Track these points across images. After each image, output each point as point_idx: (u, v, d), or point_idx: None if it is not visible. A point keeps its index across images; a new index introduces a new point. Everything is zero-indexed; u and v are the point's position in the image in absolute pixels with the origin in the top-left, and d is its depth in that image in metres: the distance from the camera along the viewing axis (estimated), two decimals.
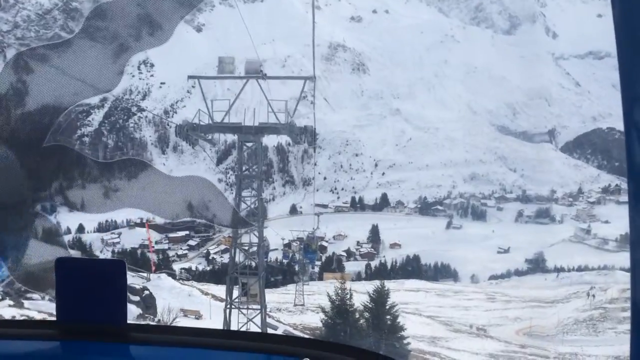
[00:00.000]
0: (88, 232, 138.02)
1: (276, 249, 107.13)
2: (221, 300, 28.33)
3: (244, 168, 20.72)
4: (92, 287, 1.60)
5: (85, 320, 1.60)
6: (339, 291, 28.24)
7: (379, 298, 28.99)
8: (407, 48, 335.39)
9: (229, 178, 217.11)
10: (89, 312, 1.60)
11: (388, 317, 28.46)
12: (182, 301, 29.49)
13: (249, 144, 20.10)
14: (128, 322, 1.62)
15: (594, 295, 41.83)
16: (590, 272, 74.13)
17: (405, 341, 28.18)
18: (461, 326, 37.80)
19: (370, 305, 29.07)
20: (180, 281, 38.45)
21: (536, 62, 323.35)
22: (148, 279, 40.18)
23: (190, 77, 22.29)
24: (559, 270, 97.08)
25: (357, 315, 28.33)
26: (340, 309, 27.67)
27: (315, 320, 33.47)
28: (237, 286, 21.47)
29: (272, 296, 51.38)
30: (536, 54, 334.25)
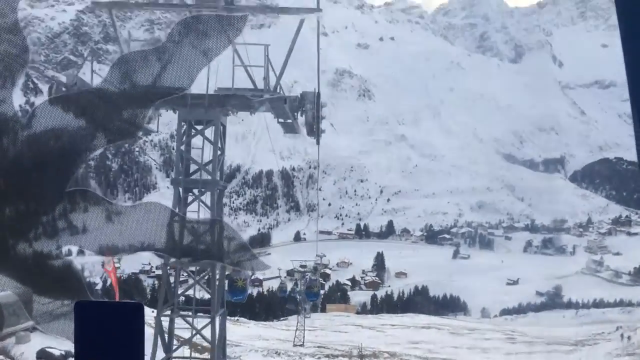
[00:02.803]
0: (89, 255, 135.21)
1: (277, 277, 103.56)
2: (202, 347, 20.34)
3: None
4: (111, 330, 1.64)
5: None
6: None
7: None
8: (413, 75, 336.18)
9: (233, 202, 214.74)
10: (108, 355, 1.65)
11: None
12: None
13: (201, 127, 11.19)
14: None
15: (629, 337, 38.13)
16: (612, 309, 70.28)
17: None
18: None
19: None
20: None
21: (542, 91, 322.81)
22: None
23: (93, 1, 10.84)
24: (574, 305, 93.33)
25: None
26: None
27: None
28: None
29: (272, 332, 47.89)
30: (542, 82, 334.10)
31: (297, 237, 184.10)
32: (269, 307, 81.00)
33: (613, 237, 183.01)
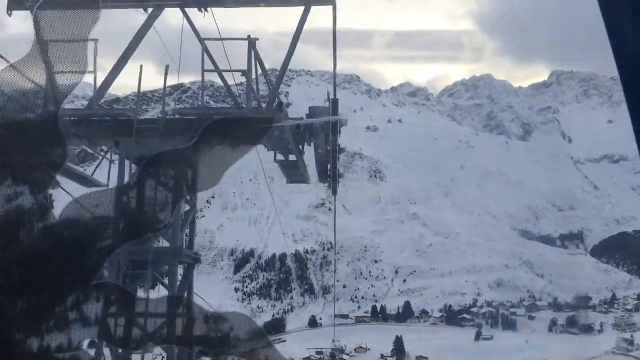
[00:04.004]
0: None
1: None
2: None
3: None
4: None
5: None
6: None
7: None
8: (422, 155, 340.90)
9: (246, 287, 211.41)
10: None
11: None
12: None
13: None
14: None
15: None
16: None
17: None
18: None
19: None
20: None
21: (553, 166, 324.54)
22: None
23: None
24: None
25: None
26: None
27: None
28: None
29: None
30: (553, 158, 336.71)
31: (313, 322, 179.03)
32: None
33: None
